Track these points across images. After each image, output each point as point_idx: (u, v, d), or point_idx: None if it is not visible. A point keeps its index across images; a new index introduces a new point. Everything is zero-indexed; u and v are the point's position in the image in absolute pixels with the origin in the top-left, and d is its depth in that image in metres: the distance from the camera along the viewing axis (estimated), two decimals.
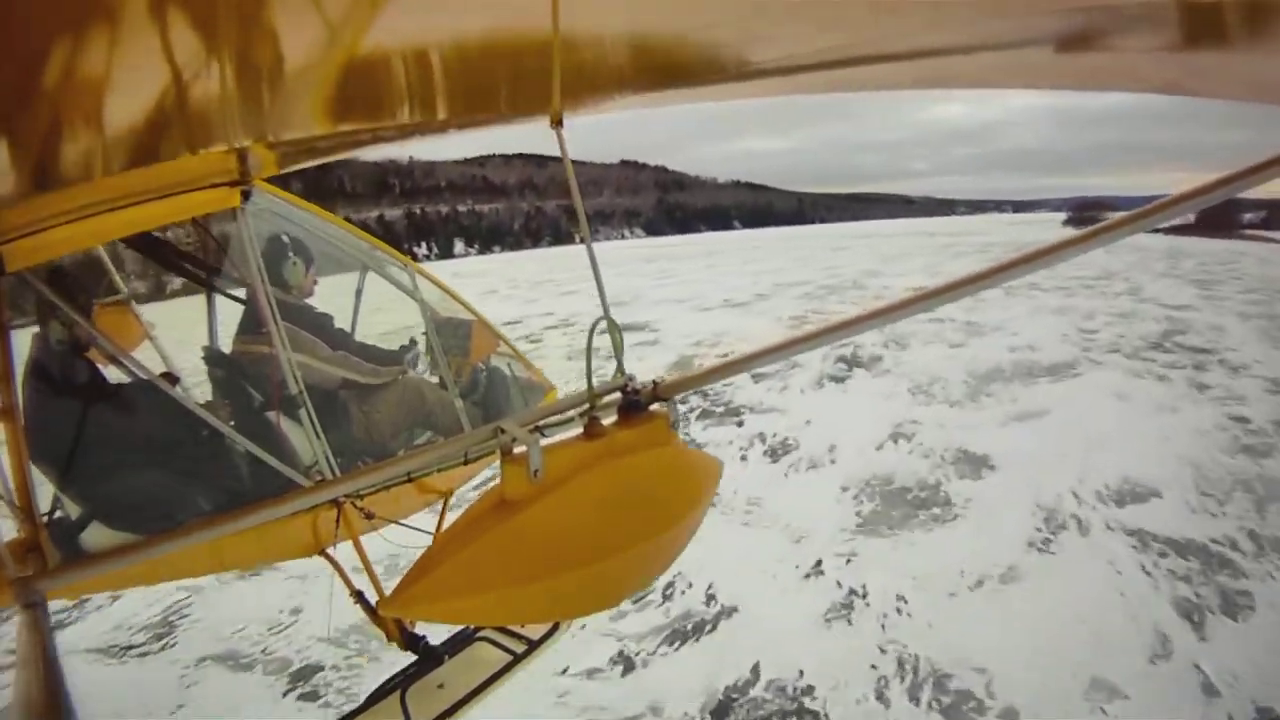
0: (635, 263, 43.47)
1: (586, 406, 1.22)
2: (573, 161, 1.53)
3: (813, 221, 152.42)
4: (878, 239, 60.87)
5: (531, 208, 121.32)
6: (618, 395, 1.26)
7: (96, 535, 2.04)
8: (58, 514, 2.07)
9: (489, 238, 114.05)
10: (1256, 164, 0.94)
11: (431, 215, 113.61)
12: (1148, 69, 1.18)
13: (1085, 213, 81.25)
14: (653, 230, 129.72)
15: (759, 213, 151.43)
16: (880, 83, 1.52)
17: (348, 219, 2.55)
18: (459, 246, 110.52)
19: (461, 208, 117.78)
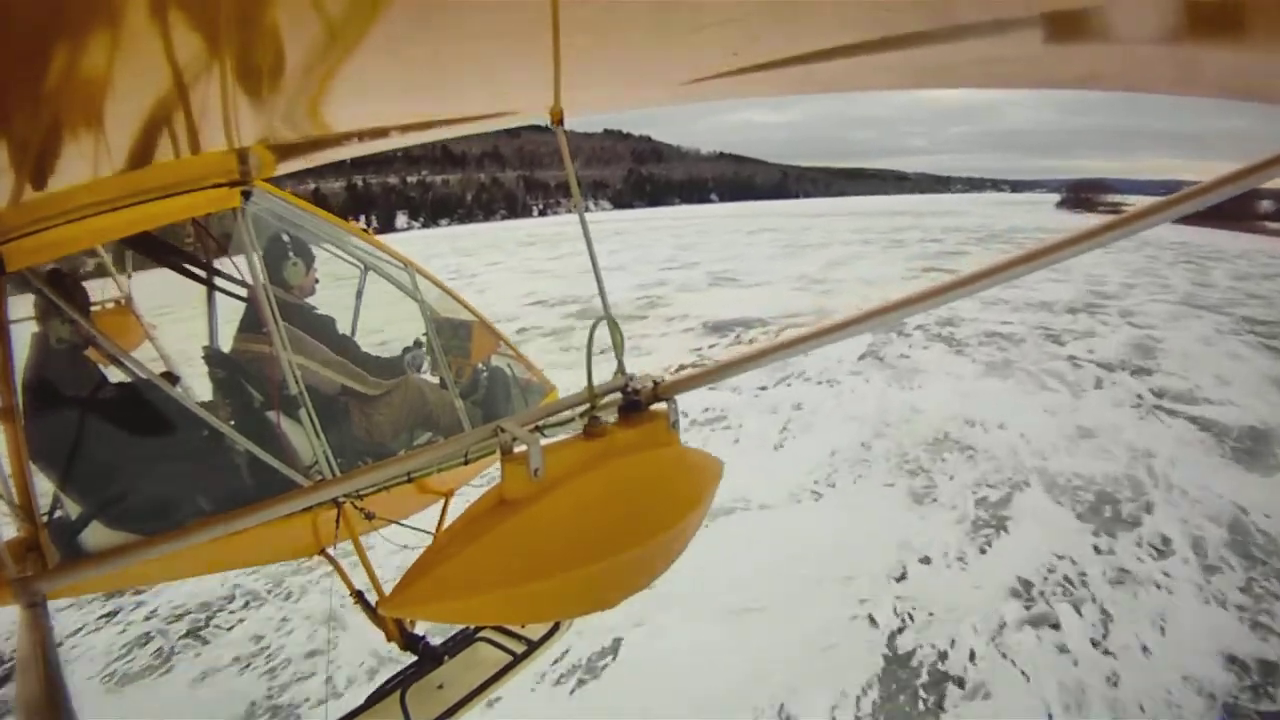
0: (514, 245, 39.08)
1: (587, 406, 1.22)
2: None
3: (796, 196, 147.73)
4: (819, 219, 52.12)
5: (489, 179, 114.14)
6: (618, 395, 1.26)
7: (96, 535, 2.04)
8: (58, 514, 2.07)
9: (436, 210, 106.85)
10: None
11: (375, 187, 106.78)
12: (1141, 68, 1.18)
13: (1080, 194, 77.41)
14: (620, 203, 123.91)
15: (739, 186, 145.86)
16: (875, 84, 1.52)
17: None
18: (401, 219, 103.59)
19: (411, 179, 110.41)
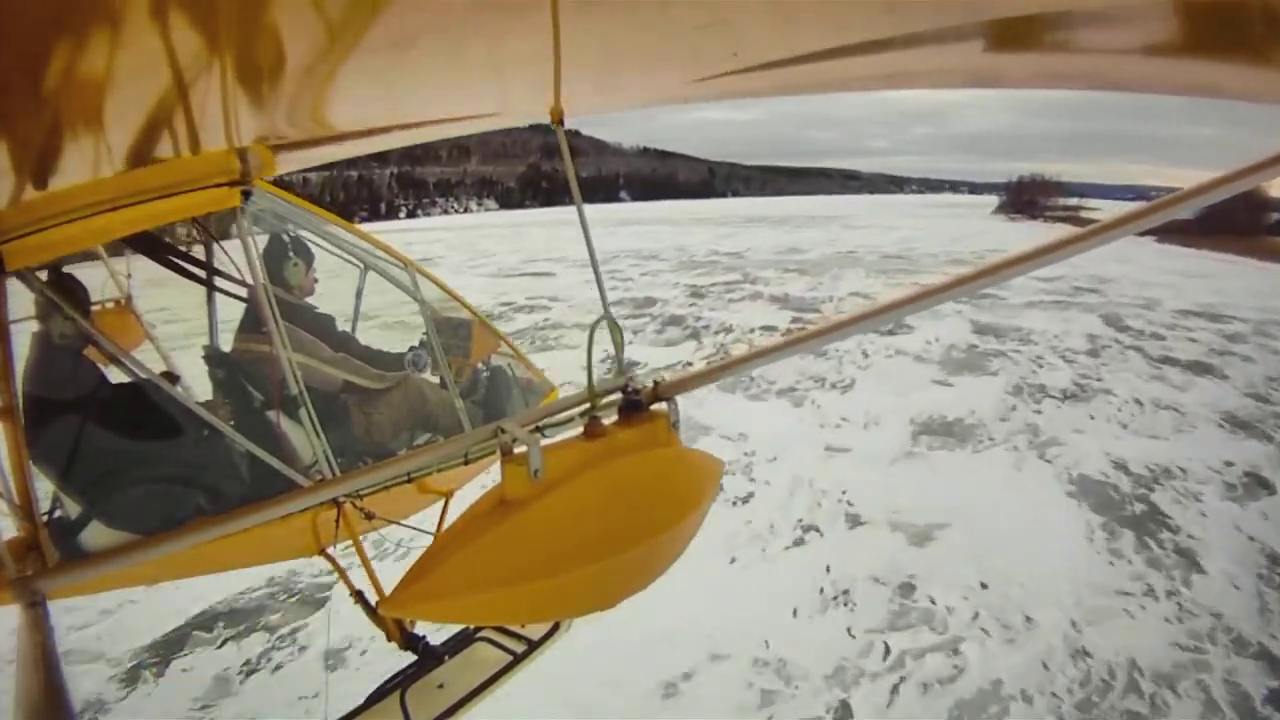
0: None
1: (587, 406, 1.22)
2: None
3: (724, 195, 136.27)
4: (660, 226, 41.97)
5: (359, 176, 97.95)
6: (618, 395, 1.26)
7: (96, 535, 2.04)
8: (58, 514, 2.07)
9: None
10: None
11: None
12: (1109, 69, 1.18)
13: (1022, 196, 64.63)
14: (507, 203, 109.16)
15: (657, 184, 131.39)
16: (867, 83, 1.52)
17: None
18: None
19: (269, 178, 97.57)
